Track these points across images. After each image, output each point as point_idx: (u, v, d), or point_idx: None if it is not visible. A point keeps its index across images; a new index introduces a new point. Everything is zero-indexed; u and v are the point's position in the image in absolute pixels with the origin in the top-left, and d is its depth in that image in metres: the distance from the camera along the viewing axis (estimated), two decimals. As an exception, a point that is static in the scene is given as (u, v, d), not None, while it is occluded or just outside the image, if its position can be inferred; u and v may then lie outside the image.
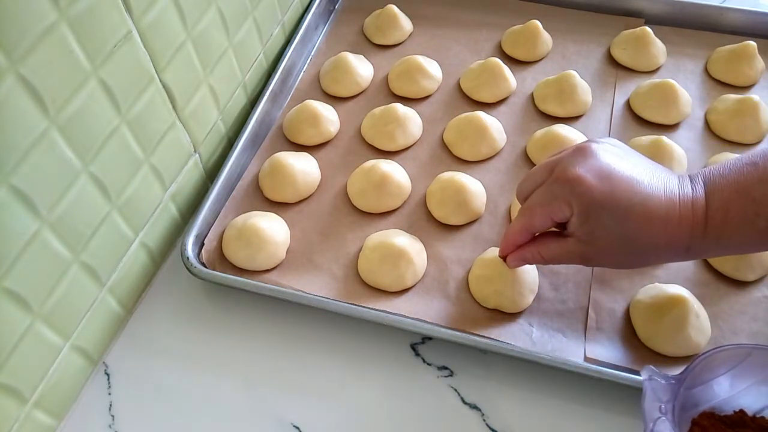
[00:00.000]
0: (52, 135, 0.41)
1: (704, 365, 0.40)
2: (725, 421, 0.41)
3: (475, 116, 0.63)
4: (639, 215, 0.42)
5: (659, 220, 0.42)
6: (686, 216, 0.42)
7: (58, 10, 0.39)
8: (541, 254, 0.47)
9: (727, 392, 0.42)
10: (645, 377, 0.40)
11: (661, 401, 0.39)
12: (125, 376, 0.51)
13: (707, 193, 0.42)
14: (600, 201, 0.42)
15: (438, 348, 0.52)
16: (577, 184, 0.43)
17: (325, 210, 0.60)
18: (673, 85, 0.65)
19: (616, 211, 0.42)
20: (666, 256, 0.46)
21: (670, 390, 0.39)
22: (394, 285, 0.53)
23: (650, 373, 0.40)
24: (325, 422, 0.48)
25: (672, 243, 0.43)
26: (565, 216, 0.44)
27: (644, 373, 0.40)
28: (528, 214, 0.46)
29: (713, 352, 0.41)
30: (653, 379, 0.40)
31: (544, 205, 0.45)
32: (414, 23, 0.77)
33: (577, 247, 0.45)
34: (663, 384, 0.39)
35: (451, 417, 0.48)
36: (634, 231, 0.42)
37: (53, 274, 0.44)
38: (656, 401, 0.39)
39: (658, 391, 0.39)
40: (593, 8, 0.76)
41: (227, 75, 0.62)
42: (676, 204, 0.42)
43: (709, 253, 0.48)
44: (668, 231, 0.42)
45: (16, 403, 0.43)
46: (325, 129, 0.64)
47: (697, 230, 0.42)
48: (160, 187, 0.55)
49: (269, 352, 0.52)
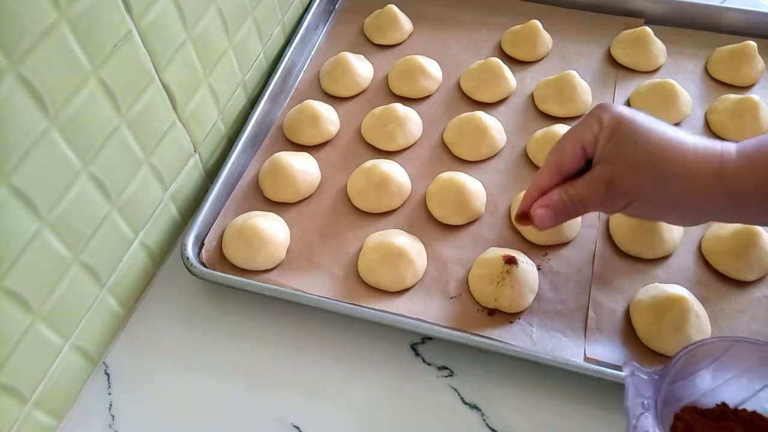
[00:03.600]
0: (52, 135, 0.41)
1: (686, 360, 0.41)
2: (707, 414, 0.41)
3: (475, 116, 0.63)
4: (666, 133, 0.43)
5: (685, 144, 0.42)
6: (714, 147, 0.42)
7: (58, 10, 0.39)
8: (567, 191, 0.45)
9: (709, 386, 0.42)
10: (627, 373, 0.40)
11: (644, 397, 0.39)
12: (125, 376, 0.51)
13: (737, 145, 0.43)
14: (627, 118, 0.43)
15: (438, 348, 0.52)
16: (606, 107, 0.44)
17: (325, 210, 0.60)
18: (673, 85, 0.65)
19: (643, 126, 0.43)
20: (694, 184, 0.42)
21: (653, 385, 0.39)
22: (394, 285, 0.53)
23: (632, 368, 0.40)
24: (325, 422, 0.48)
25: (700, 167, 0.42)
26: (594, 134, 0.44)
27: (626, 369, 0.40)
28: (557, 146, 0.46)
29: (695, 346, 0.41)
30: (636, 374, 0.40)
31: (574, 130, 0.46)
32: (414, 23, 0.77)
33: (602, 172, 0.44)
34: (645, 380, 0.40)
35: (451, 417, 0.48)
36: (660, 149, 0.42)
37: (53, 274, 0.44)
38: (639, 397, 0.39)
39: (640, 387, 0.39)
40: (593, 8, 0.76)
41: (227, 75, 0.62)
42: (702, 139, 0.43)
43: (745, 185, 0.42)
44: (697, 153, 0.42)
45: (16, 403, 0.43)
46: (325, 129, 0.64)
47: (728, 155, 0.42)
48: (160, 187, 0.55)
49: (269, 352, 0.52)
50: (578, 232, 0.56)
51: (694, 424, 0.40)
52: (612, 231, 0.56)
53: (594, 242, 0.56)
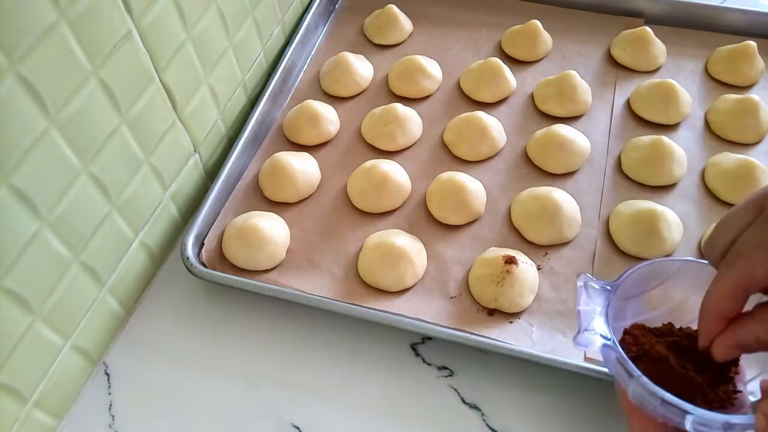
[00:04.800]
0: (52, 135, 0.41)
1: (635, 276, 0.43)
2: (654, 332, 0.42)
3: (475, 116, 0.63)
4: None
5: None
6: None
7: (58, 10, 0.39)
8: None
9: (657, 308, 0.44)
10: (581, 283, 0.42)
11: (596, 304, 0.41)
12: (125, 376, 0.51)
13: None
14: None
15: (438, 348, 0.52)
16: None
17: (325, 210, 0.60)
18: (673, 85, 0.65)
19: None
20: None
21: (605, 295, 0.42)
22: (394, 285, 0.53)
23: (585, 279, 0.43)
24: (325, 422, 0.48)
25: None
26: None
27: (580, 280, 0.43)
28: (741, 263, 0.35)
29: (645, 264, 0.43)
30: (588, 284, 0.42)
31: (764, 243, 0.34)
32: (414, 23, 0.77)
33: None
34: (597, 289, 0.42)
35: (451, 417, 0.48)
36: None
37: (53, 274, 0.44)
38: (591, 304, 0.41)
39: (593, 296, 0.42)
40: (593, 8, 0.76)
41: (227, 75, 0.62)
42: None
43: None
44: None
45: (16, 403, 0.43)
46: (325, 129, 0.64)
47: None
48: (160, 187, 0.55)
49: (269, 352, 0.52)
50: (578, 232, 0.56)
51: (641, 338, 0.41)
52: (612, 231, 0.56)
53: (594, 242, 0.56)
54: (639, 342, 0.41)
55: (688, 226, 0.56)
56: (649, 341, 0.41)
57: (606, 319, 0.41)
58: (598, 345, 0.40)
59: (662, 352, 0.40)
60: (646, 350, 0.40)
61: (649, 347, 0.40)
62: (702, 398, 0.38)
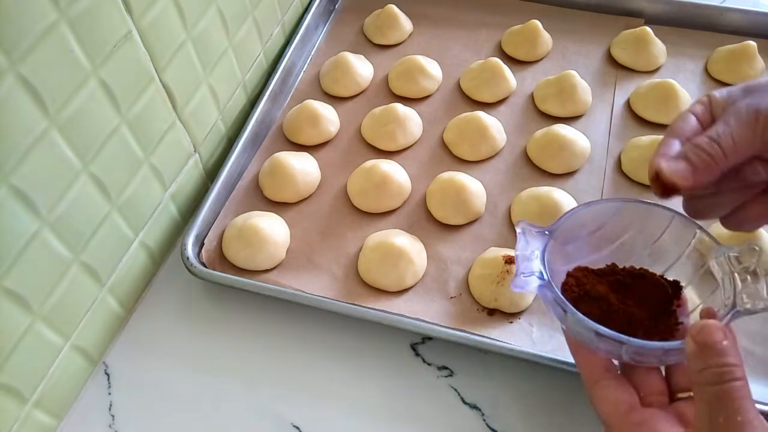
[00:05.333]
0: (52, 135, 0.41)
1: (574, 220, 0.43)
2: (597, 272, 0.43)
3: (475, 116, 0.63)
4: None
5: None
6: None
7: (58, 10, 0.39)
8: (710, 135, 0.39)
9: (598, 252, 0.45)
10: (519, 230, 0.43)
11: (534, 248, 0.41)
12: (125, 376, 0.51)
13: None
14: None
15: (438, 348, 0.52)
16: None
17: (325, 210, 0.60)
18: (673, 85, 0.65)
19: None
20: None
21: (542, 239, 0.42)
22: (394, 285, 0.53)
23: (524, 225, 0.43)
24: (325, 422, 0.48)
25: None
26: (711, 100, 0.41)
27: (518, 227, 0.43)
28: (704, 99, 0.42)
29: (582, 206, 0.44)
30: (526, 229, 0.42)
31: None
32: (414, 23, 0.77)
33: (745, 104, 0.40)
34: (535, 233, 0.42)
35: (451, 417, 0.48)
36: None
37: (53, 274, 0.44)
38: (529, 249, 0.41)
39: (531, 240, 0.42)
40: (593, 8, 0.76)
41: (227, 75, 0.62)
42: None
43: None
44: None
45: (16, 403, 0.43)
46: (325, 129, 0.64)
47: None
48: (160, 187, 0.55)
49: (269, 352, 0.52)
50: (578, 232, 0.56)
51: (583, 279, 0.42)
52: (612, 231, 0.56)
53: (594, 242, 0.56)
54: (581, 283, 0.41)
55: (688, 226, 0.56)
56: (591, 281, 0.41)
57: (542, 260, 0.41)
58: (534, 285, 0.40)
59: (602, 290, 0.40)
60: (587, 290, 0.41)
61: (591, 287, 0.41)
62: (644, 332, 0.39)
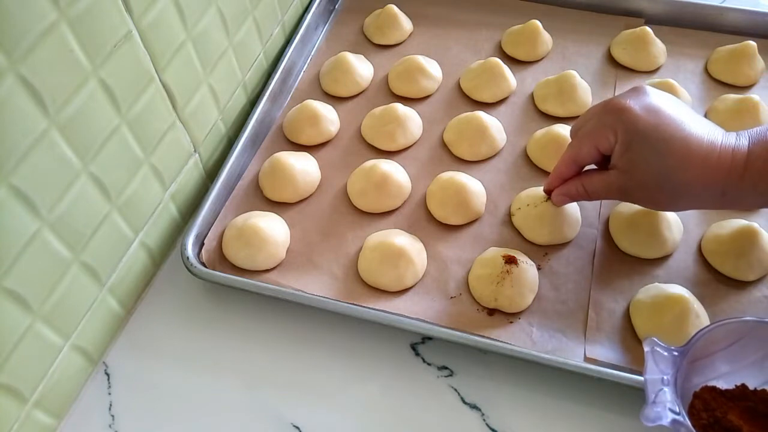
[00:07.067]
0: (52, 135, 0.41)
1: (707, 338, 0.40)
2: (726, 394, 0.40)
3: (475, 116, 0.63)
4: (678, 152, 0.44)
5: (698, 159, 0.44)
6: (725, 160, 0.43)
7: (58, 10, 0.39)
8: (585, 186, 0.50)
9: (729, 368, 0.42)
10: (648, 349, 0.40)
11: (663, 373, 0.39)
12: (125, 376, 0.51)
13: (750, 145, 0.44)
14: (643, 132, 0.45)
15: (438, 348, 0.52)
16: (624, 112, 0.45)
17: (325, 210, 0.60)
18: (673, 85, 0.65)
19: (657, 143, 0.44)
20: (701, 199, 0.46)
21: (672, 362, 0.39)
22: (394, 285, 0.53)
23: (652, 344, 0.40)
24: (325, 422, 0.48)
25: (708, 185, 0.44)
26: (610, 144, 0.46)
27: (647, 345, 0.40)
28: (576, 144, 0.49)
29: (716, 325, 0.41)
30: (655, 350, 0.40)
31: (592, 133, 0.47)
32: (414, 23, 0.77)
33: (618, 178, 0.47)
34: (665, 356, 0.39)
35: (451, 417, 0.48)
36: (672, 167, 0.44)
37: (53, 274, 0.44)
38: (658, 373, 0.39)
39: (660, 363, 0.39)
40: (593, 8, 0.76)
41: (227, 75, 0.62)
42: (716, 148, 0.44)
43: (744, 201, 0.47)
44: (705, 172, 0.44)
45: (16, 403, 0.43)
46: (325, 129, 0.64)
47: (734, 175, 0.43)
48: (160, 187, 0.55)
49: (269, 352, 0.52)
50: (578, 232, 0.56)
51: (712, 403, 0.39)
52: (612, 231, 0.56)
53: (594, 242, 0.56)
54: (710, 407, 0.39)
55: (688, 225, 0.56)
56: (722, 407, 0.39)
57: (674, 389, 0.38)
58: (667, 420, 0.37)
59: (735, 421, 0.38)
60: (717, 417, 0.38)
61: (722, 415, 0.38)
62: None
